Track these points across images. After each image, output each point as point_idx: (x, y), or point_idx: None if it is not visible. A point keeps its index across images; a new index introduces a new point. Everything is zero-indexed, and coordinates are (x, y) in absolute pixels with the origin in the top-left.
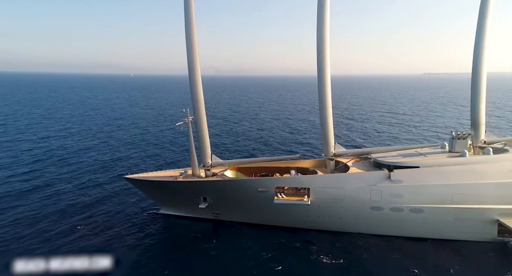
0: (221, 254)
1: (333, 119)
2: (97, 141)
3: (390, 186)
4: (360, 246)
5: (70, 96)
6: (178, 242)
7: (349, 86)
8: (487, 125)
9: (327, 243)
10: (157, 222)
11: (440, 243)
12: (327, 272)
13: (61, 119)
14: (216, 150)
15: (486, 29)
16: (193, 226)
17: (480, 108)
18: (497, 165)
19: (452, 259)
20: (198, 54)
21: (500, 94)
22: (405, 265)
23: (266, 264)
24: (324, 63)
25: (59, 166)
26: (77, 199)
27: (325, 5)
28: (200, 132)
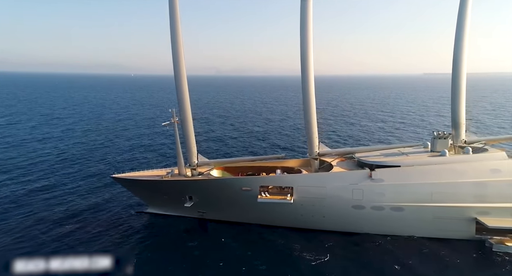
0: (205, 253)
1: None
2: (84, 140)
3: (371, 185)
4: (342, 245)
5: (61, 96)
6: (163, 240)
7: (349, 86)
8: (468, 125)
9: (311, 241)
10: (144, 221)
11: (419, 241)
12: (310, 271)
13: (48, 119)
14: (207, 149)
15: (465, 31)
16: (179, 225)
17: (460, 109)
18: (475, 164)
19: (431, 257)
20: (183, 55)
21: (485, 94)
22: (385, 263)
23: (250, 262)
24: (308, 65)
25: (45, 166)
26: (64, 198)
27: (308, 7)
28: (186, 131)
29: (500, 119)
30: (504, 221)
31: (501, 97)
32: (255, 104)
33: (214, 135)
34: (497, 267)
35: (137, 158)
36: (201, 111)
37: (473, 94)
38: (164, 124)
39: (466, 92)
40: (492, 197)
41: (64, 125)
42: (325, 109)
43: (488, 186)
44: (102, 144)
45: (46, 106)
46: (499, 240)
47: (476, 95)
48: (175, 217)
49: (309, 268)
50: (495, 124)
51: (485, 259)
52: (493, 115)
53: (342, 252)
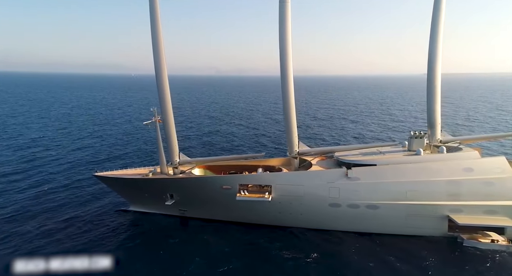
0: (186, 250)
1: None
2: (66, 139)
3: (347, 184)
4: (319, 242)
5: (50, 95)
6: (145, 238)
7: (349, 86)
8: (444, 124)
9: (289, 239)
10: (126, 219)
11: (394, 238)
12: (287, 267)
13: (33, 118)
14: (192, 148)
15: (439, 33)
16: (161, 223)
17: (436, 109)
18: (449, 163)
19: (405, 253)
20: (164, 55)
21: (460, 95)
22: (360, 260)
23: (229, 259)
24: (287, 66)
25: (26, 165)
26: (46, 196)
27: (286, 8)
28: (167, 130)
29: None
30: (475, 219)
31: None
32: (247, 104)
33: (199, 134)
34: (467, 262)
35: (120, 157)
36: (190, 110)
37: (454, 94)
38: (145, 123)
39: (442, 93)
40: (465, 195)
41: (47, 124)
42: (320, 110)
43: (461, 185)
44: (85, 142)
45: (29, 105)
46: (470, 236)
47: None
48: (157, 215)
49: (286, 265)
50: (477, 124)
51: (456, 254)
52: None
53: (318, 249)
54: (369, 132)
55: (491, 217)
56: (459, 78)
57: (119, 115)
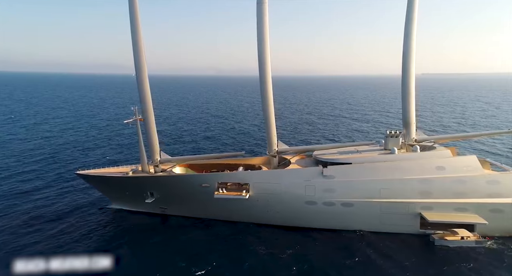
0: (166, 247)
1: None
2: (49, 138)
3: (323, 182)
4: (295, 239)
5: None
6: (126, 235)
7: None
8: (418, 123)
9: (266, 236)
10: (107, 217)
11: (367, 235)
12: (262, 263)
13: (16, 117)
14: (182, 146)
15: (412, 35)
16: (141, 220)
17: (410, 109)
18: (422, 162)
19: (378, 250)
20: (144, 55)
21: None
22: (334, 257)
23: (206, 256)
24: (265, 67)
25: (8, 163)
26: (28, 194)
27: (264, 10)
28: (148, 129)
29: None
30: (446, 216)
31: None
32: (237, 103)
33: (182, 133)
34: (437, 257)
35: (103, 155)
36: (177, 110)
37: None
38: (126, 122)
39: (418, 92)
40: (436, 193)
41: (29, 123)
42: (315, 110)
43: (433, 183)
44: (67, 141)
45: (14, 105)
46: (441, 235)
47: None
48: (138, 212)
49: (262, 261)
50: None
51: (426, 251)
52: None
53: (295, 246)
54: (367, 132)
55: (461, 214)
56: (459, 79)
57: (104, 114)
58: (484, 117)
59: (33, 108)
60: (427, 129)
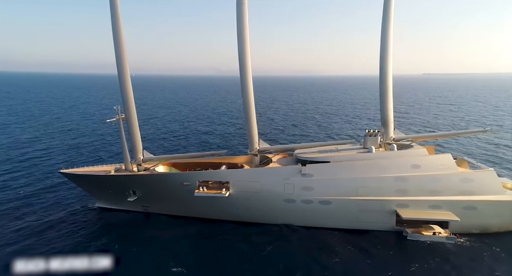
0: (149, 245)
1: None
2: (34, 137)
3: (302, 180)
4: (275, 236)
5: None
6: (109, 234)
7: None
8: (396, 123)
9: (246, 233)
10: (91, 215)
11: (345, 232)
12: (239, 260)
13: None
14: (168, 146)
15: (389, 38)
16: (124, 219)
17: (388, 108)
18: (398, 160)
19: (355, 247)
20: (126, 54)
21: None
22: (313, 254)
23: (186, 254)
24: (246, 66)
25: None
26: (12, 193)
27: (244, 10)
28: (131, 128)
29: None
30: (420, 213)
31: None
32: (231, 102)
33: (171, 132)
34: (410, 253)
35: (88, 154)
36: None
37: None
38: (108, 121)
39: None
40: (412, 191)
41: (12, 122)
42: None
43: (408, 181)
44: (50, 139)
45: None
46: (415, 230)
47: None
48: (121, 211)
49: (242, 258)
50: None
51: (400, 247)
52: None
53: (274, 243)
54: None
55: (435, 211)
56: (459, 79)
57: (92, 113)
58: (482, 117)
59: (18, 107)
60: (426, 129)
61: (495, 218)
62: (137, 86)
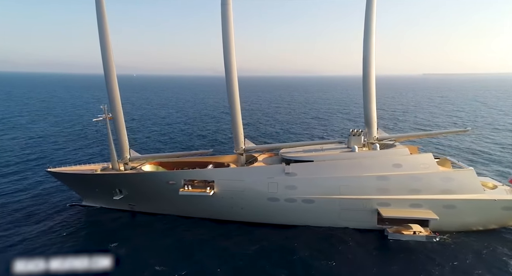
0: (133, 243)
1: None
2: (20, 135)
3: (285, 179)
4: (258, 235)
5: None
6: (95, 232)
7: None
8: (380, 123)
9: (230, 232)
10: (78, 213)
11: (327, 231)
12: (219, 258)
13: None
14: (158, 145)
15: (371, 39)
16: (110, 217)
17: (371, 108)
18: (380, 159)
19: (337, 245)
20: (112, 53)
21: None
22: (295, 252)
23: (170, 252)
24: (231, 67)
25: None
26: (0, 193)
27: (228, 11)
28: (117, 127)
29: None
30: (400, 212)
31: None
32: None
33: (162, 131)
34: (390, 252)
35: (75, 153)
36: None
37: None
38: (95, 120)
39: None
40: (393, 190)
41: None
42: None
43: (390, 180)
44: (39, 138)
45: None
46: (395, 229)
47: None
48: (108, 209)
49: (222, 257)
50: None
51: (381, 245)
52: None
53: (259, 242)
54: None
55: (415, 210)
56: (459, 79)
57: (81, 112)
58: (482, 116)
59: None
60: (427, 128)
61: (475, 216)
62: (137, 86)
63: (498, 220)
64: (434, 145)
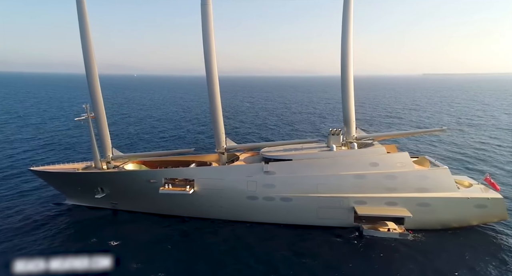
0: (114, 240)
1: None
2: (3, 134)
3: (264, 177)
4: (239, 233)
5: None
6: (76, 231)
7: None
8: (358, 122)
9: (208, 230)
10: (62, 212)
11: (305, 229)
12: (207, 254)
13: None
14: (144, 144)
15: (349, 36)
16: (93, 216)
17: (350, 107)
18: (357, 158)
19: (314, 242)
20: (93, 52)
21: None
22: (273, 250)
23: (152, 250)
24: (211, 67)
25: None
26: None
27: (208, 11)
28: (100, 127)
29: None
30: (375, 210)
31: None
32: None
33: (149, 131)
34: (365, 249)
35: (59, 152)
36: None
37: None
38: (77, 119)
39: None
40: (369, 188)
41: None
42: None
43: (366, 178)
44: (22, 138)
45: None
46: (371, 226)
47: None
48: (91, 208)
49: (199, 255)
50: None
51: (356, 243)
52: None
53: (238, 239)
54: None
55: (390, 208)
56: (459, 79)
57: (67, 111)
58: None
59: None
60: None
61: (449, 214)
62: (136, 87)
63: (471, 217)
64: (428, 145)
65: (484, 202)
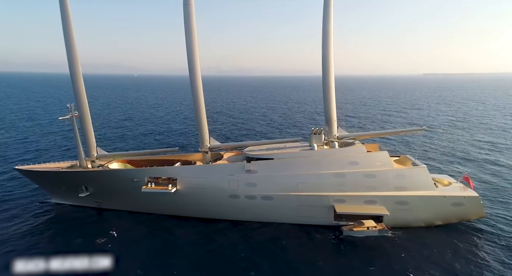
0: (99, 239)
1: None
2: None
3: (246, 176)
4: (219, 231)
5: None
6: (63, 229)
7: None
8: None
9: (191, 228)
10: (47, 211)
11: (286, 227)
12: (189, 252)
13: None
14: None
15: (330, 36)
16: (77, 214)
17: (331, 107)
18: (338, 157)
19: (295, 241)
20: (77, 52)
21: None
22: (253, 249)
23: (137, 248)
24: (194, 66)
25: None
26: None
27: (190, 10)
28: (84, 126)
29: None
30: (354, 208)
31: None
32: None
33: (137, 130)
34: (344, 246)
35: (45, 151)
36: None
37: None
38: (61, 118)
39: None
40: (349, 187)
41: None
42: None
43: (346, 177)
44: (7, 135)
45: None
46: (350, 226)
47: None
48: (76, 206)
49: (181, 253)
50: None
51: (337, 241)
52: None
53: (225, 237)
54: None
55: (369, 206)
56: (459, 79)
57: (52, 110)
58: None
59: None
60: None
61: (426, 212)
62: (136, 87)
63: (449, 215)
64: (420, 145)
65: (461, 200)
